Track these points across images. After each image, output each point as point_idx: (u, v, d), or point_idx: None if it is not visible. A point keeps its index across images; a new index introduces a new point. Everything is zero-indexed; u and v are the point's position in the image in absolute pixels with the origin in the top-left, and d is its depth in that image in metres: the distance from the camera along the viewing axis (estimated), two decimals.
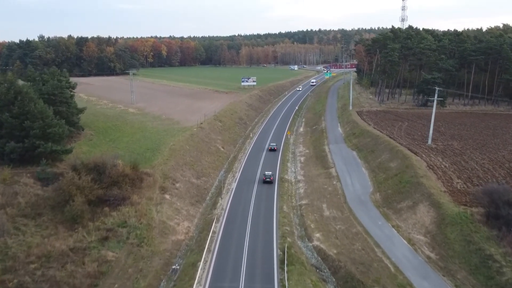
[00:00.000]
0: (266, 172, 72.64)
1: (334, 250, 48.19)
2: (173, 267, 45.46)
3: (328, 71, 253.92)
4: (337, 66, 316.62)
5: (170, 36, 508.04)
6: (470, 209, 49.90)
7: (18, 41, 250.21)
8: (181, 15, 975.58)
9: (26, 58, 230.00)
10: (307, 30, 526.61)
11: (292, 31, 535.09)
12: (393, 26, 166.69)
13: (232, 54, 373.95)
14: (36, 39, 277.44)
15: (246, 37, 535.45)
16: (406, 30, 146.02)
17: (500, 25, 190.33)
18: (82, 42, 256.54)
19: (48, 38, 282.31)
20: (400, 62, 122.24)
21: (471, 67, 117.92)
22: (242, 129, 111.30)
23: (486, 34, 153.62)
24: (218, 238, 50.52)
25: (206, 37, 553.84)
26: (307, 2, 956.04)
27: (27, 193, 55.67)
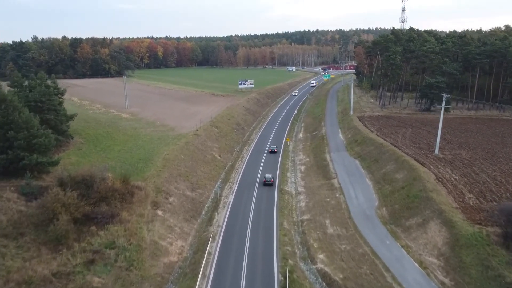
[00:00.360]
0: (266, 174, 73.12)
1: (340, 274, 44.41)
2: None
3: (326, 73, 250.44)
4: (335, 68, 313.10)
5: (166, 36, 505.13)
6: (485, 228, 46.26)
7: (11, 42, 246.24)
8: (178, 15, 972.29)
9: (19, 59, 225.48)
10: (305, 31, 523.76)
11: (289, 32, 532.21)
12: (393, 27, 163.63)
13: (229, 55, 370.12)
14: (29, 40, 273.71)
15: (243, 37, 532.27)
16: (408, 32, 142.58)
17: (501, 26, 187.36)
18: (76, 43, 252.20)
19: (42, 39, 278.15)
20: (402, 65, 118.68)
21: (476, 71, 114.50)
22: (240, 135, 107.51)
23: (489, 36, 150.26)
24: (214, 260, 46.72)
25: (203, 37, 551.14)
26: (305, 1, 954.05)
27: (10, 209, 51.55)
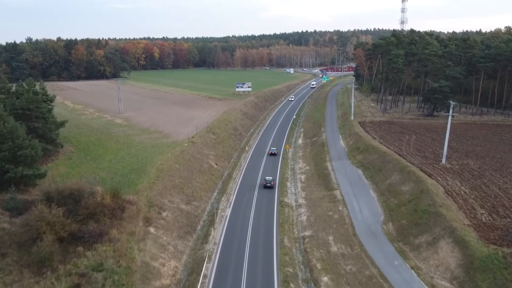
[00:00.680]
0: (266, 177, 73.23)
1: None
2: None
3: (325, 75, 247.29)
4: (334, 69, 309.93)
5: (163, 37, 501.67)
6: (501, 249, 42.99)
7: (5, 43, 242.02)
8: (175, 15, 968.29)
9: (12, 61, 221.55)
10: (302, 32, 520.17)
11: (287, 32, 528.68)
12: (394, 29, 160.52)
13: (226, 56, 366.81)
14: (24, 41, 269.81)
15: (240, 38, 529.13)
16: (410, 34, 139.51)
17: (501, 27, 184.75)
18: (71, 44, 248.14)
19: (36, 40, 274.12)
20: (404, 69, 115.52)
21: (480, 74, 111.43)
22: (237, 141, 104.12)
23: (492, 38, 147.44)
24: (209, 284, 43.33)
25: (200, 38, 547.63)
26: (302, 1, 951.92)
27: None
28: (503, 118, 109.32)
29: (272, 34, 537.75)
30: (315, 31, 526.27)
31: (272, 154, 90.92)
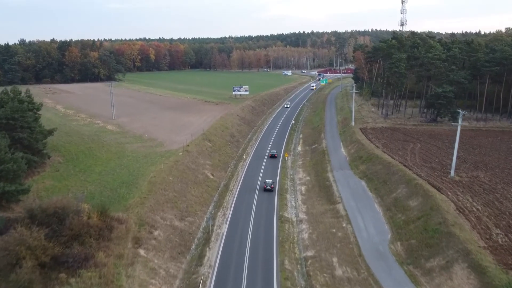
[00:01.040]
0: (266, 180, 73.58)
1: None
2: None
3: (323, 78, 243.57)
4: (332, 71, 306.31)
5: (159, 38, 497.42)
6: None
7: None
8: (172, 15, 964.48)
9: (4, 64, 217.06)
10: (300, 33, 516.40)
11: (284, 33, 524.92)
12: (394, 31, 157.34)
13: (223, 58, 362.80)
14: (17, 43, 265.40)
15: (237, 39, 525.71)
16: (412, 37, 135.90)
17: (500, 28, 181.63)
18: (64, 46, 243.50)
19: (29, 42, 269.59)
20: (406, 73, 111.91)
21: (484, 79, 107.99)
22: (234, 148, 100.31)
23: (495, 40, 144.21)
24: None
25: (197, 39, 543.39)
26: (299, 1, 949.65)
27: None
28: (509, 124, 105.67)
29: (269, 35, 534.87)
30: (313, 32, 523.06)
31: (272, 157, 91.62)
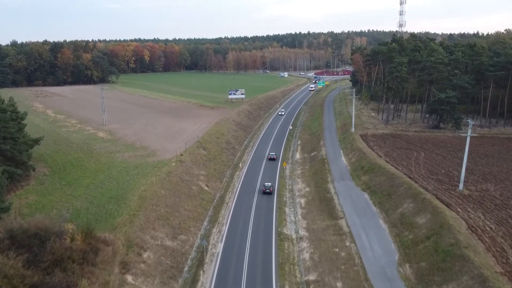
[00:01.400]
0: (266, 183, 73.64)
1: None
2: None
3: (319, 80, 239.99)
4: (329, 73, 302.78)
5: (154, 38, 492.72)
6: None
7: None
8: (167, 14, 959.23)
9: None
10: (296, 33, 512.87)
11: (280, 34, 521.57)
12: (393, 32, 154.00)
13: (218, 59, 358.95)
14: (8, 44, 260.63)
15: (233, 39, 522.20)
16: (412, 40, 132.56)
17: (499, 29, 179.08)
18: (57, 48, 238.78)
19: (21, 43, 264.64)
20: (408, 78, 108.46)
21: (488, 83, 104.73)
22: (230, 156, 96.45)
23: (498, 43, 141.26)
24: None
25: (192, 39, 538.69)
26: (295, 1, 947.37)
27: None
28: None
29: (265, 36, 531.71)
30: (309, 33, 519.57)
31: (271, 159, 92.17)
